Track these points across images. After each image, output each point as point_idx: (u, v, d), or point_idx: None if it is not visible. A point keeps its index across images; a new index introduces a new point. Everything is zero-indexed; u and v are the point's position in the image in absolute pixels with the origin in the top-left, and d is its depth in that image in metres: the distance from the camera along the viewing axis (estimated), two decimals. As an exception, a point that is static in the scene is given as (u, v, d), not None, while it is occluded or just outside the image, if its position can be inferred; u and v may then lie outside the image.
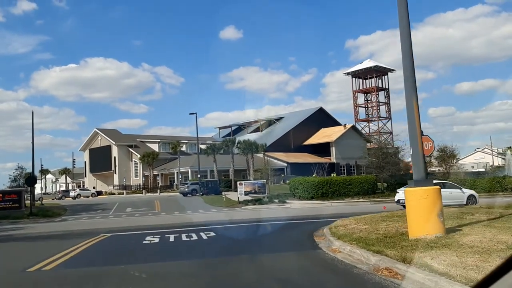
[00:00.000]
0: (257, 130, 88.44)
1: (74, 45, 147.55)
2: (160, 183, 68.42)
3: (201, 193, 45.49)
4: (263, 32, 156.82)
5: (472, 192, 23.81)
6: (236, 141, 55.77)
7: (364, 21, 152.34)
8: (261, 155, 64.77)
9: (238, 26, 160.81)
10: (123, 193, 63.92)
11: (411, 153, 9.99)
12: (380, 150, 34.76)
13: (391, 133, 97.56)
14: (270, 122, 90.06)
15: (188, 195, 46.93)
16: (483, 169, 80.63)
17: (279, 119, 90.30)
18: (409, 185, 9.99)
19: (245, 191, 32.79)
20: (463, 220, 11.86)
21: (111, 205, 37.30)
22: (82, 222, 24.18)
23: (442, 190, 9.77)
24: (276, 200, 32.85)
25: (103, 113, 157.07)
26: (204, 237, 13.52)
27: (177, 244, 12.30)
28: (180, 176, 60.06)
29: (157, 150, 71.01)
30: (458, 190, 22.60)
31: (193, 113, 47.15)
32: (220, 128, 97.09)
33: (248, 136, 76.82)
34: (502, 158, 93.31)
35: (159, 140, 73.94)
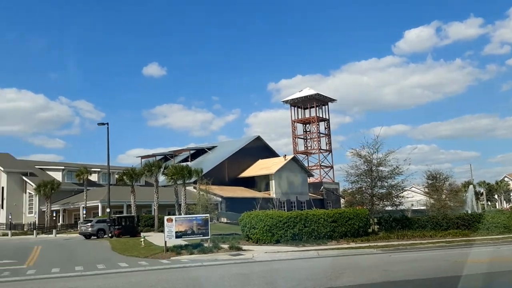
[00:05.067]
0: (185, 160, 76.13)
1: None
2: (61, 221, 53.64)
3: (110, 235, 32.63)
4: (187, 70, 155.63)
5: None
6: (163, 166, 43.58)
7: (285, 65, 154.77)
8: (191, 187, 52.93)
9: (161, 63, 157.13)
10: (7, 235, 48.52)
11: None
12: (370, 172, 24.67)
13: (331, 167, 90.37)
14: (200, 151, 78.46)
15: (93, 237, 33.86)
16: (424, 207, 75.05)
17: (211, 148, 79.03)
18: None
19: (176, 232, 20.97)
20: None
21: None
22: None
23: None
24: (225, 246, 21.36)
25: (14, 147, 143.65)
26: None
27: None
28: (85, 212, 46.24)
29: (60, 179, 56.43)
30: None
31: (103, 124, 34.84)
32: (142, 157, 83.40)
33: (176, 165, 64.69)
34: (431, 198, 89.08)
35: (63, 167, 59.25)
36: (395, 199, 25.24)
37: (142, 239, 24.86)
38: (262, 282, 10.66)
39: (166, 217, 21.43)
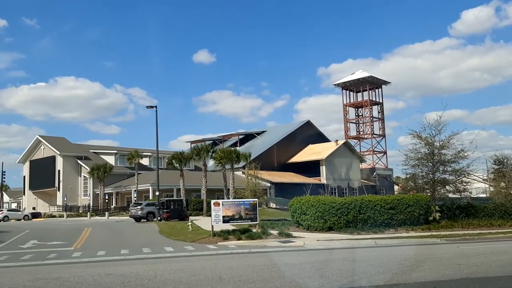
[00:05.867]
0: (234, 145, 75.74)
1: (43, 63, 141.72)
2: (115, 204, 54.82)
3: (159, 218, 32.56)
4: (236, 56, 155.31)
5: None
6: (211, 150, 43.12)
7: (335, 49, 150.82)
8: (239, 172, 52.29)
9: (211, 49, 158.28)
10: (63, 216, 50.08)
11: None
12: (431, 155, 22.66)
13: (385, 152, 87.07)
14: (249, 136, 77.80)
15: (143, 220, 33.91)
16: (483, 195, 70.90)
17: (260, 133, 78.17)
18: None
19: (223, 216, 20.15)
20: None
21: (13, 235, 24.05)
22: None
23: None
24: (274, 232, 20.35)
25: (73, 133, 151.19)
26: None
27: None
28: (135, 195, 46.76)
29: (113, 163, 57.52)
30: None
31: (152, 107, 34.61)
32: (191, 142, 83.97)
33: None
34: (490, 185, 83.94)
35: (115, 151, 60.42)
36: (459, 185, 23.13)
37: (189, 223, 24.32)
38: (316, 274, 9.44)
39: (213, 201, 20.64)
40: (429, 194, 22.58)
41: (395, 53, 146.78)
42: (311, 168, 66.34)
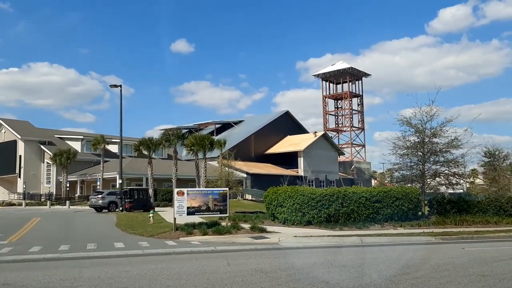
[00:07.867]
0: (211, 134, 72.87)
1: (16, 48, 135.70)
2: (79, 192, 51.47)
3: (120, 208, 29.64)
4: (215, 47, 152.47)
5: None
6: (182, 137, 40.21)
7: (314, 44, 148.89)
8: (215, 163, 49.57)
9: (189, 39, 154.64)
10: (21, 204, 46.55)
11: None
12: (422, 144, 20.43)
13: (363, 145, 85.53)
14: (226, 126, 75.01)
15: (104, 210, 30.96)
16: (460, 191, 69.86)
17: (237, 122, 75.45)
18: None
19: (188, 208, 17.44)
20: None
21: None
22: None
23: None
24: (246, 226, 17.81)
25: (46, 120, 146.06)
26: None
27: None
28: (99, 184, 43.53)
29: (79, 149, 54.05)
30: None
31: (116, 86, 31.45)
32: (165, 130, 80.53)
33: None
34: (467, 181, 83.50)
35: (82, 137, 56.85)
36: (452, 177, 20.98)
37: (151, 215, 21.57)
38: None
39: (176, 190, 17.91)
40: (418, 187, 20.37)
41: (373, 49, 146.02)
42: (289, 159, 64.15)
